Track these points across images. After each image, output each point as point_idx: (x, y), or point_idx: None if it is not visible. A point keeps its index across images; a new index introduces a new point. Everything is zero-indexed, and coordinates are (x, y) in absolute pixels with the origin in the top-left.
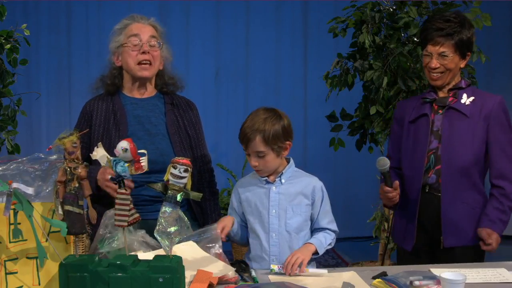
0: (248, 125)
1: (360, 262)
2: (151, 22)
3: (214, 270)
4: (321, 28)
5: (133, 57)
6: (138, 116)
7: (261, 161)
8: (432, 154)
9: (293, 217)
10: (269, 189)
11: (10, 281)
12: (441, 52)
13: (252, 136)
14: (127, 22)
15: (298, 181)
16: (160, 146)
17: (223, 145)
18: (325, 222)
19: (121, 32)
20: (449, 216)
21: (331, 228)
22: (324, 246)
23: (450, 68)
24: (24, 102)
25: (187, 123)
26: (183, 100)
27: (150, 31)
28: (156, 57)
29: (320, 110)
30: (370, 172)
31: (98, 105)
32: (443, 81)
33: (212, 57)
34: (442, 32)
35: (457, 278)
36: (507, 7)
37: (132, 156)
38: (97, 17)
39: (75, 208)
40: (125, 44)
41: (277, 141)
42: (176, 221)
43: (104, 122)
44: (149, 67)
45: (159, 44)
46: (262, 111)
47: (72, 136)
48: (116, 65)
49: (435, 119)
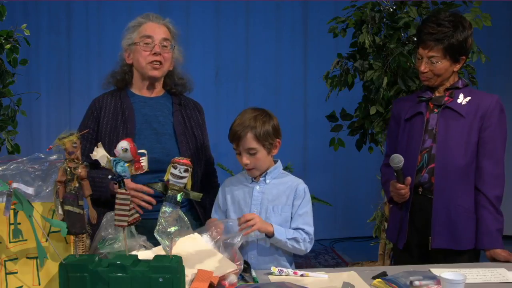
0: (238, 123)
1: (360, 262)
2: (165, 23)
3: (217, 266)
4: (321, 28)
5: (145, 56)
6: (145, 114)
7: (252, 158)
8: (426, 153)
9: (273, 217)
10: (252, 188)
11: (10, 281)
12: (430, 56)
13: (243, 133)
14: (142, 20)
15: (282, 182)
16: (167, 146)
17: (223, 145)
18: (300, 222)
19: (135, 30)
20: (440, 217)
21: (305, 229)
22: (284, 236)
23: (438, 74)
24: (24, 102)
25: (194, 124)
26: (190, 102)
27: (164, 32)
28: (167, 59)
29: (320, 110)
30: (370, 172)
31: (107, 102)
32: (432, 84)
33: (212, 57)
34: (432, 36)
35: (457, 278)
36: (507, 7)
37: (132, 156)
38: (97, 17)
39: (75, 208)
40: (137, 42)
41: (268, 138)
42: (176, 221)
43: (112, 119)
44: (160, 67)
45: (171, 46)
46: (251, 110)
47: (72, 136)
48: (127, 62)
49: (430, 118)
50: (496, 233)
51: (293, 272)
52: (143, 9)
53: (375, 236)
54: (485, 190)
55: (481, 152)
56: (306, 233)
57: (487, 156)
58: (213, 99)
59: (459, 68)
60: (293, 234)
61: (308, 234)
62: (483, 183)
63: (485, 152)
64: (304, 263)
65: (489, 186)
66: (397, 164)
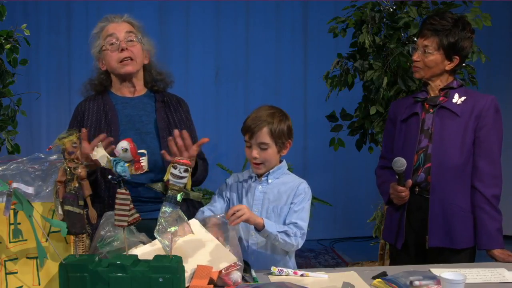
0: (255, 116)
1: (360, 262)
2: (125, 19)
3: (215, 256)
4: (321, 28)
5: (114, 57)
6: (129, 115)
7: (262, 153)
8: (422, 153)
9: (272, 217)
10: (255, 187)
11: (10, 281)
12: (424, 45)
13: (259, 127)
14: (102, 24)
15: (284, 182)
16: (152, 145)
17: (223, 145)
18: (294, 217)
19: (99, 36)
20: (436, 216)
21: (298, 223)
22: (275, 229)
23: (429, 66)
24: (24, 102)
25: (178, 120)
26: (174, 98)
27: (126, 27)
28: (137, 52)
29: (320, 110)
30: (370, 172)
31: (89, 106)
32: (421, 76)
33: (212, 57)
34: (431, 26)
35: (457, 278)
36: (507, 7)
37: (132, 156)
38: (97, 17)
39: (75, 208)
40: (103, 46)
41: (282, 136)
42: (176, 221)
43: (96, 122)
44: (131, 62)
45: (137, 38)
46: (268, 107)
47: (72, 136)
48: (102, 69)
49: (426, 118)
50: (496, 233)
51: (293, 272)
52: (143, 9)
53: (375, 236)
54: (482, 189)
55: (477, 152)
56: (298, 227)
57: (483, 155)
58: (213, 99)
59: (451, 68)
60: (283, 228)
61: (300, 229)
62: (480, 182)
63: (481, 151)
64: (304, 263)
65: (486, 185)
66: (400, 168)
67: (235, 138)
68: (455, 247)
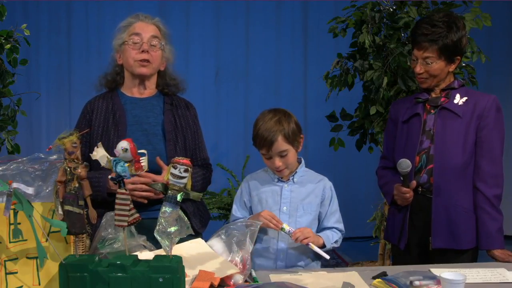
0: (265, 128)
1: (360, 262)
2: (155, 22)
3: (218, 267)
4: (321, 28)
5: (133, 55)
6: (136, 115)
7: (284, 160)
8: (424, 154)
9: (304, 215)
10: (281, 187)
11: (10, 281)
12: (425, 57)
13: (274, 138)
14: (131, 20)
15: (309, 180)
16: (158, 147)
17: (223, 145)
18: (333, 221)
19: (125, 30)
20: (440, 217)
21: (338, 227)
22: (331, 241)
23: (434, 74)
24: (24, 102)
25: (185, 124)
26: (182, 102)
27: (153, 30)
28: (156, 57)
29: (320, 110)
30: (370, 172)
31: (98, 104)
32: (428, 85)
33: (212, 57)
34: (426, 37)
35: (457, 278)
36: (507, 7)
37: (132, 156)
38: (97, 17)
39: (75, 208)
40: (126, 42)
41: (295, 136)
42: (176, 221)
43: (104, 121)
44: (148, 65)
45: (160, 45)
46: (271, 114)
47: (72, 136)
48: (118, 62)
49: (428, 119)
50: (496, 233)
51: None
52: (143, 9)
53: (375, 236)
54: (484, 189)
55: (478, 152)
56: (340, 231)
57: (485, 155)
58: (213, 99)
59: (454, 68)
60: (333, 237)
61: (340, 231)
62: (482, 183)
63: (482, 151)
64: None
65: (488, 185)
66: (405, 169)
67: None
68: (459, 248)
